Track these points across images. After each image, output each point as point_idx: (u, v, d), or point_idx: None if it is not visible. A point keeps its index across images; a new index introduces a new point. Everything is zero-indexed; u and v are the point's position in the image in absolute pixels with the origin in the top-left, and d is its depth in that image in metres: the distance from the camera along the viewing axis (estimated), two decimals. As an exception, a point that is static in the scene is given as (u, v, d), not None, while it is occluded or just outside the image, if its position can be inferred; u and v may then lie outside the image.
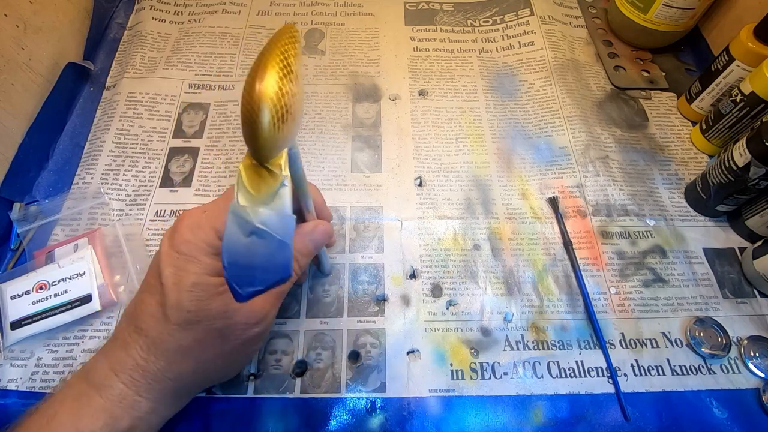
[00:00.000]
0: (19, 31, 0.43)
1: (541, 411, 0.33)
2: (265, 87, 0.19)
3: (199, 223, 0.25)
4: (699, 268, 0.39)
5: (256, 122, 0.19)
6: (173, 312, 0.25)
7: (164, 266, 0.25)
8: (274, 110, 0.19)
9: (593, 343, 0.36)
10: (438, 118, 0.48)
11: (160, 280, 0.25)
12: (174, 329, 0.25)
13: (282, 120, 0.20)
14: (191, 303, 0.25)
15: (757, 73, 0.37)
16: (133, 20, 0.55)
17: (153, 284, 0.26)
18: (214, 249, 0.25)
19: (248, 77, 0.20)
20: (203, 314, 0.25)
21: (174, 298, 0.25)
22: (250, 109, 0.19)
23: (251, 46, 0.52)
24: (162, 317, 0.25)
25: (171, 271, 0.25)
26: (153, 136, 0.45)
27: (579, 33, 0.55)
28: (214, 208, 0.27)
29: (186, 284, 0.25)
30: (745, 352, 0.35)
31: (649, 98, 0.49)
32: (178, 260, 0.25)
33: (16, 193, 0.41)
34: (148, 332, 0.25)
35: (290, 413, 0.33)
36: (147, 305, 0.26)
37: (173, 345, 0.25)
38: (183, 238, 0.25)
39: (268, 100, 0.19)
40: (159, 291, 0.25)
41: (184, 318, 0.25)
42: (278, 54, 0.20)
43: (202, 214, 0.26)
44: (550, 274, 0.39)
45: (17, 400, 0.33)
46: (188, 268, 0.25)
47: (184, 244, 0.25)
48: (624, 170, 0.44)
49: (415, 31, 0.55)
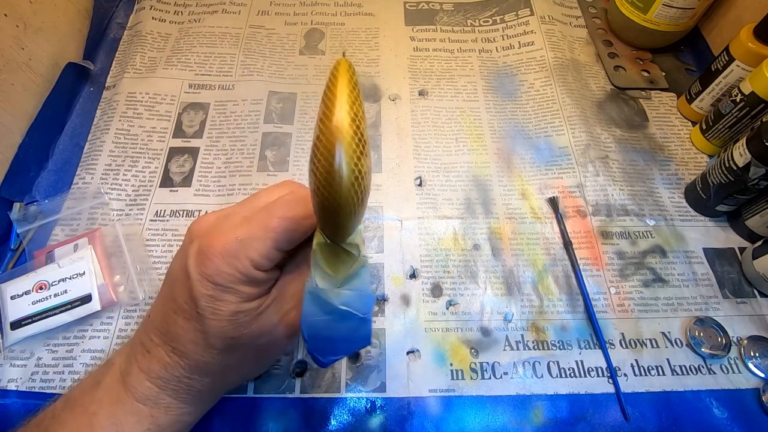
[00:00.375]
0: (19, 31, 0.43)
1: (541, 411, 0.33)
2: (347, 174, 0.17)
3: (234, 253, 0.24)
4: (699, 268, 0.39)
5: (340, 210, 0.18)
6: (216, 340, 0.25)
7: (199, 296, 0.24)
8: (356, 197, 0.18)
9: (593, 343, 0.36)
10: (438, 118, 0.48)
11: (196, 309, 0.24)
12: (217, 353, 0.25)
13: (361, 204, 0.19)
14: (234, 330, 0.25)
15: (757, 73, 0.37)
16: (133, 20, 0.55)
17: (188, 311, 0.25)
18: (250, 279, 0.24)
19: (323, 160, 0.17)
20: (245, 339, 0.25)
21: (216, 327, 0.24)
22: (335, 197, 0.18)
23: (251, 46, 0.52)
24: (204, 344, 0.25)
25: (207, 301, 0.24)
26: (153, 136, 0.45)
27: (579, 33, 0.55)
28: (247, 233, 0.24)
29: (226, 314, 0.24)
30: (745, 352, 0.35)
31: (649, 98, 0.49)
32: (215, 290, 0.24)
33: (16, 193, 0.41)
34: (189, 356, 0.25)
35: (290, 413, 0.33)
36: (185, 331, 0.25)
37: (218, 367, 0.26)
38: (218, 269, 0.24)
39: (352, 188, 0.17)
40: (196, 318, 0.25)
41: (227, 344, 0.25)
42: (353, 123, 0.17)
43: (236, 242, 0.24)
44: (550, 274, 0.39)
45: (17, 400, 0.33)
46: (226, 298, 0.24)
47: (220, 276, 0.24)
48: (624, 170, 0.44)
49: (415, 31, 0.55)
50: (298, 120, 0.47)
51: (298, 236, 0.25)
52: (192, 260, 0.24)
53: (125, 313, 0.36)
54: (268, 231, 0.24)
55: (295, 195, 0.25)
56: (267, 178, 0.43)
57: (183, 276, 0.25)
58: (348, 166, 0.17)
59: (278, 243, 0.24)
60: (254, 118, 0.47)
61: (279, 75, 0.50)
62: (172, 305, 0.25)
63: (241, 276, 0.24)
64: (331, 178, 0.17)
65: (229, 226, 0.25)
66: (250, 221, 0.25)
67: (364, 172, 0.18)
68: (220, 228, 0.25)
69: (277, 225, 0.24)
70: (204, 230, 0.25)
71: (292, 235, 0.25)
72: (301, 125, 0.47)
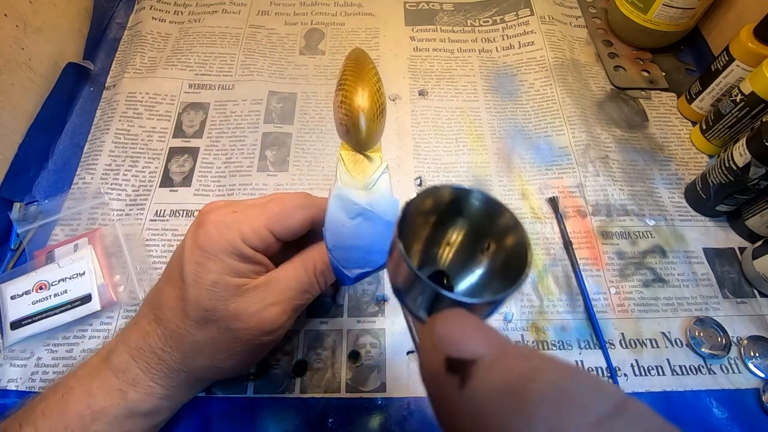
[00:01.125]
0: (19, 31, 0.43)
1: (541, 411, 0.33)
2: (369, 86, 0.23)
3: (227, 223, 0.25)
4: (699, 268, 0.39)
5: (360, 116, 0.22)
6: (191, 308, 0.25)
7: (186, 261, 0.25)
8: (377, 105, 0.22)
9: (593, 343, 0.36)
10: (438, 118, 0.48)
11: (181, 274, 0.25)
12: (191, 325, 0.26)
13: (382, 113, 0.23)
14: (209, 302, 0.25)
15: (757, 73, 0.37)
16: (133, 20, 0.55)
17: (174, 277, 0.26)
18: (237, 251, 0.25)
19: (348, 80, 0.24)
20: (219, 314, 0.25)
21: (193, 295, 0.25)
22: (356, 105, 0.22)
23: (251, 46, 0.52)
24: (181, 312, 0.26)
25: (192, 267, 0.25)
26: (153, 136, 0.45)
27: (579, 33, 0.55)
28: (243, 210, 0.26)
29: (206, 282, 0.25)
30: (745, 352, 0.35)
31: (649, 98, 0.49)
32: (201, 257, 0.25)
33: (16, 193, 0.41)
34: (166, 324, 0.26)
35: (290, 413, 0.33)
36: (167, 297, 0.26)
37: (189, 340, 0.26)
38: (208, 236, 0.25)
39: (373, 95, 0.22)
40: (179, 285, 0.25)
41: (201, 315, 0.25)
42: (370, 63, 0.24)
43: (232, 214, 0.26)
44: (550, 274, 0.39)
45: (17, 400, 0.33)
46: (209, 266, 0.25)
47: (209, 242, 0.25)
48: (624, 170, 0.44)
49: (415, 31, 0.55)
50: (298, 120, 0.47)
51: (292, 224, 0.26)
52: (190, 233, 0.26)
53: (125, 313, 0.36)
54: (263, 210, 0.26)
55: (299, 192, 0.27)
56: (267, 178, 0.43)
57: (179, 248, 0.26)
58: (369, 84, 0.23)
59: (270, 224, 0.26)
60: (254, 118, 0.47)
61: (279, 75, 0.50)
62: (165, 276, 0.27)
63: (228, 246, 0.25)
64: (355, 86, 0.23)
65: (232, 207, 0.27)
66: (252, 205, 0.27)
67: (381, 90, 0.24)
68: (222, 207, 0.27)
69: (272, 207, 0.26)
70: (210, 209, 0.27)
71: (285, 220, 0.26)
72: (301, 125, 0.47)
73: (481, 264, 0.19)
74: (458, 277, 0.20)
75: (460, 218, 0.19)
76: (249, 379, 0.34)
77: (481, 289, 0.19)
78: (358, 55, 0.26)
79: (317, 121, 0.47)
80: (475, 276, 0.19)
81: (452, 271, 0.20)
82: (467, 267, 0.19)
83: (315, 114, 0.47)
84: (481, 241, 0.19)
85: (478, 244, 0.19)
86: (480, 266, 0.19)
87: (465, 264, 0.19)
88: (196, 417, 0.32)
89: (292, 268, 0.27)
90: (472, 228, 0.19)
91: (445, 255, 0.20)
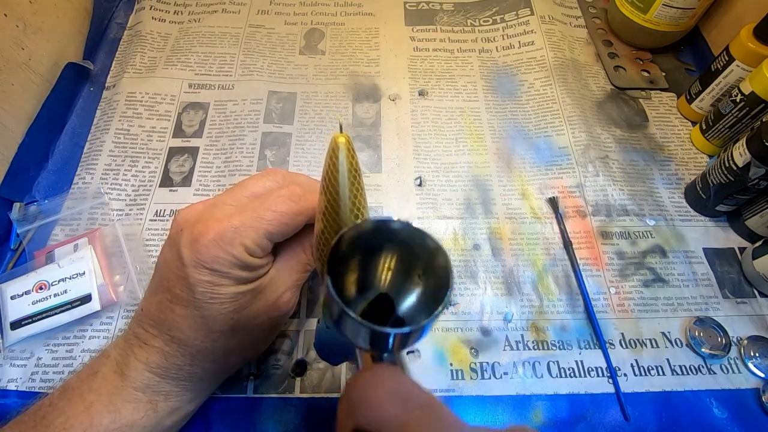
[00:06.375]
0: (19, 31, 0.43)
1: (541, 411, 0.33)
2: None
3: (229, 240, 0.24)
4: (699, 268, 0.39)
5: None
6: (217, 324, 0.26)
7: (196, 282, 0.24)
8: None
9: (593, 343, 0.36)
10: (438, 118, 0.48)
11: (193, 295, 0.25)
12: (219, 337, 0.26)
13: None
14: (234, 313, 0.26)
15: (757, 73, 0.37)
16: (133, 20, 0.55)
17: (185, 298, 0.25)
18: (244, 264, 0.25)
19: (326, 232, 0.22)
20: (244, 319, 0.26)
21: (215, 312, 0.25)
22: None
23: (251, 46, 0.52)
24: (205, 329, 0.26)
25: (205, 287, 0.24)
26: (153, 135, 0.45)
27: (579, 33, 0.55)
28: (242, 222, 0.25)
29: (225, 296, 0.25)
30: (745, 352, 0.35)
31: (649, 98, 0.49)
32: (212, 276, 0.24)
33: (16, 193, 0.41)
34: (188, 343, 0.26)
35: (290, 413, 0.33)
36: (183, 318, 0.25)
37: (221, 351, 0.27)
38: (214, 255, 0.24)
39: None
40: (194, 305, 0.25)
41: (228, 326, 0.26)
42: (355, 182, 0.21)
43: (231, 230, 0.24)
44: (550, 274, 0.39)
45: (17, 400, 0.33)
46: (223, 282, 0.25)
47: (215, 261, 0.24)
48: (624, 170, 0.44)
49: (415, 31, 0.55)
50: (298, 120, 0.47)
51: (289, 230, 0.26)
52: (186, 249, 0.25)
53: (125, 313, 0.36)
54: (262, 222, 0.25)
55: (290, 191, 0.26)
56: (267, 178, 0.43)
57: (176, 265, 0.25)
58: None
59: (271, 234, 0.25)
60: (254, 117, 0.47)
61: (279, 75, 0.50)
62: (166, 295, 0.26)
63: (237, 261, 0.25)
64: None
65: (222, 215, 0.25)
66: (244, 211, 0.25)
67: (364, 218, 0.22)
68: (211, 216, 0.25)
69: (271, 218, 0.25)
70: (193, 219, 0.26)
71: (284, 228, 0.26)
72: (300, 125, 0.47)
73: (418, 285, 0.21)
74: (400, 298, 0.21)
75: (391, 245, 0.20)
76: (249, 379, 0.34)
77: (421, 309, 0.20)
78: (340, 179, 0.20)
79: (317, 121, 0.47)
80: (414, 297, 0.21)
81: (395, 292, 0.21)
82: (406, 289, 0.21)
83: (315, 114, 0.47)
84: (415, 265, 0.20)
85: (413, 269, 0.21)
86: (417, 287, 0.21)
87: (403, 286, 0.21)
88: (196, 417, 0.32)
89: (293, 253, 0.28)
90: (402, 254, 0.21)
91: (384, 278, 0.21)
